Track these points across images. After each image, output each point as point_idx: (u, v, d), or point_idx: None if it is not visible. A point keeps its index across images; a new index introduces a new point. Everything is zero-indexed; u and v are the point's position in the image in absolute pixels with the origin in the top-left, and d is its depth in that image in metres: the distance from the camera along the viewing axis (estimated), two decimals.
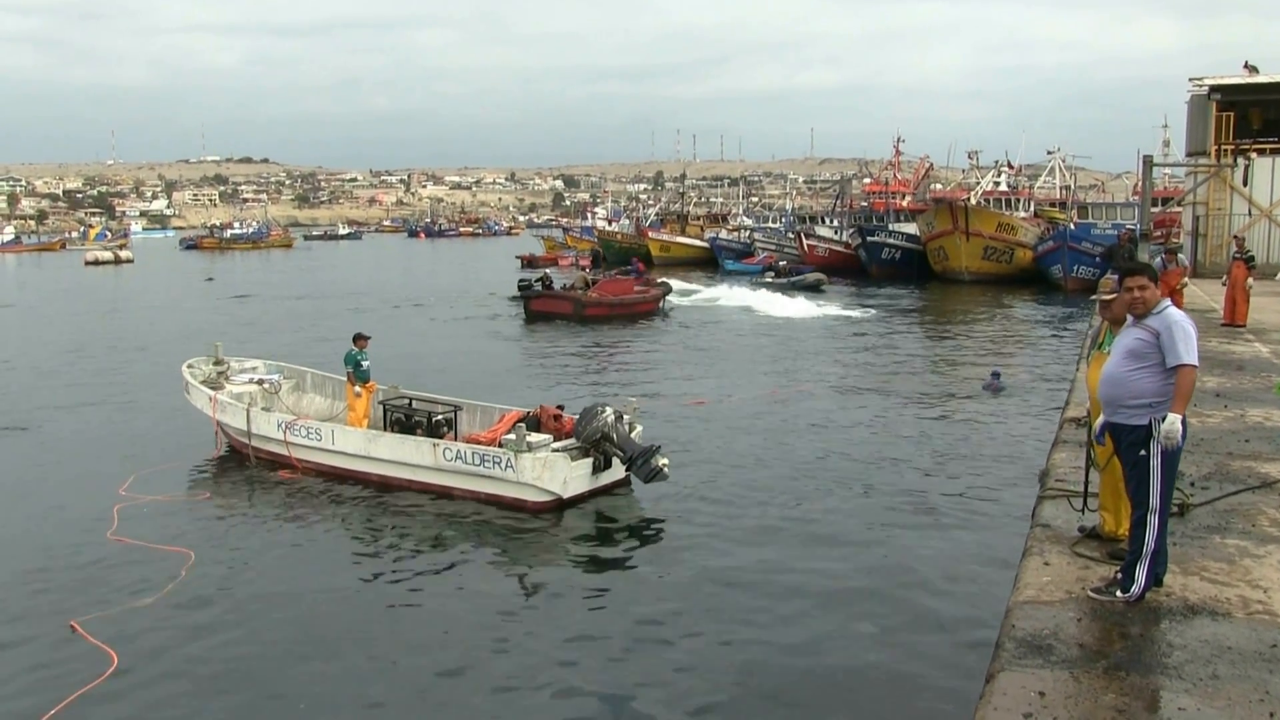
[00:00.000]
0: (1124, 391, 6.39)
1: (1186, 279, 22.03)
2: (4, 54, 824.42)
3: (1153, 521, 6.22)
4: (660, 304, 41.31)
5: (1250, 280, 20.06)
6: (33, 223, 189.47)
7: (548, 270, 43.75)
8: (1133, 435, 6.37)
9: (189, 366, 18.55)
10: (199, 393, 17.59)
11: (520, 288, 39.77)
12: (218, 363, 18.87)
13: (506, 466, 13.70)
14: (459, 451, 14.25)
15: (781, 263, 60.45)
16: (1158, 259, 20.97)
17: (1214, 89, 33.41)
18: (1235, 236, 22.08)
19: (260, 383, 18.47)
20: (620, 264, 52.97)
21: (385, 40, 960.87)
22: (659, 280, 43.93)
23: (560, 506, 13.81)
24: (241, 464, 16.58)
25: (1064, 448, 10.09)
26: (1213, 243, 33.77)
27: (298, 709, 8.66)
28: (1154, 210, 38.64)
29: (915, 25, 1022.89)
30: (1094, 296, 7.44)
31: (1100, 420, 6.65)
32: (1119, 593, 6.24)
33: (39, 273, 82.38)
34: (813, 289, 49.43)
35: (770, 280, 53.89)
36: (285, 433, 15.94)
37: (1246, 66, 34.78)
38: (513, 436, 13.88)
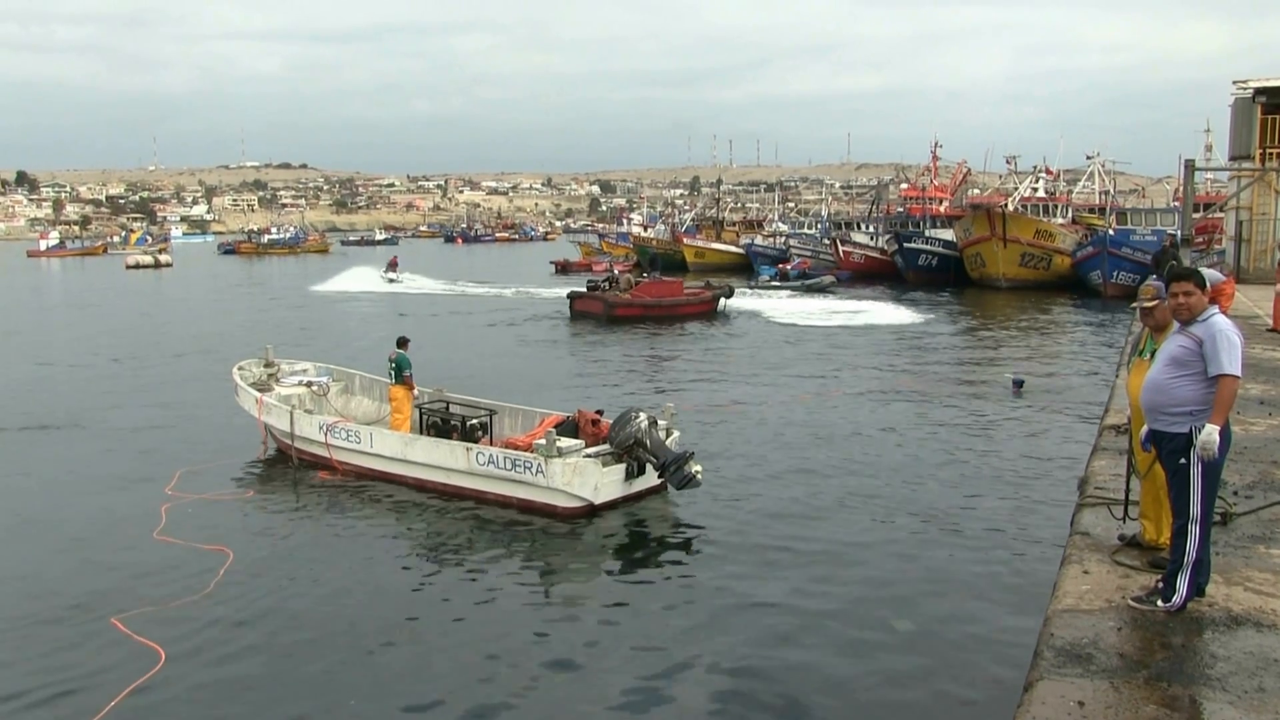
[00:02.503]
0: (1165, 399, 6.31)
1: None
2: (57, 63, 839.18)
3: (1194, 531, 6.13)
4: (718, 306, 41.84)
5: None
6: (76, 228, 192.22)
7: (616, 274, 46.04)
8: (1173, 443, 6.28)
9: (239, 369, 18.87)
10: (246, 394, 17.84)
11: (589, 287, 42.16)
12: (268, 365, 19.18)
13: (537, 472, 13.71)
14: (491, 456, 14.30)
15: (787, 266, 61.96)
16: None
17: (1259, 91, 32.87)
18: None
19: (309, 385, 18.71)
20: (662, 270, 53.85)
21: (428, 45, 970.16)
22: (720, 282, 45.29)
23: (592, 512, 13.80)
24: (285, 465, 16.80)
25: (1103, 455, 9.96)
26: (1256, 248, 33.25)
27: (327, 708, 8.73)
28: (1195, 215, 38.11)
29: (958, 28, 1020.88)
30: (1134, 304, 7.34)
31: (1145, 428, 6.57)
32: (1160, 602, 6.15)
33: (82, 276, 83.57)
34: (822, 290, 52.63)
35: (777, 284, 54.76)
36: (326, 435, 16.10)
37: None
38: (543, 442, 13.91)
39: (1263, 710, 4.95)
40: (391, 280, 65.42)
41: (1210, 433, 6.02)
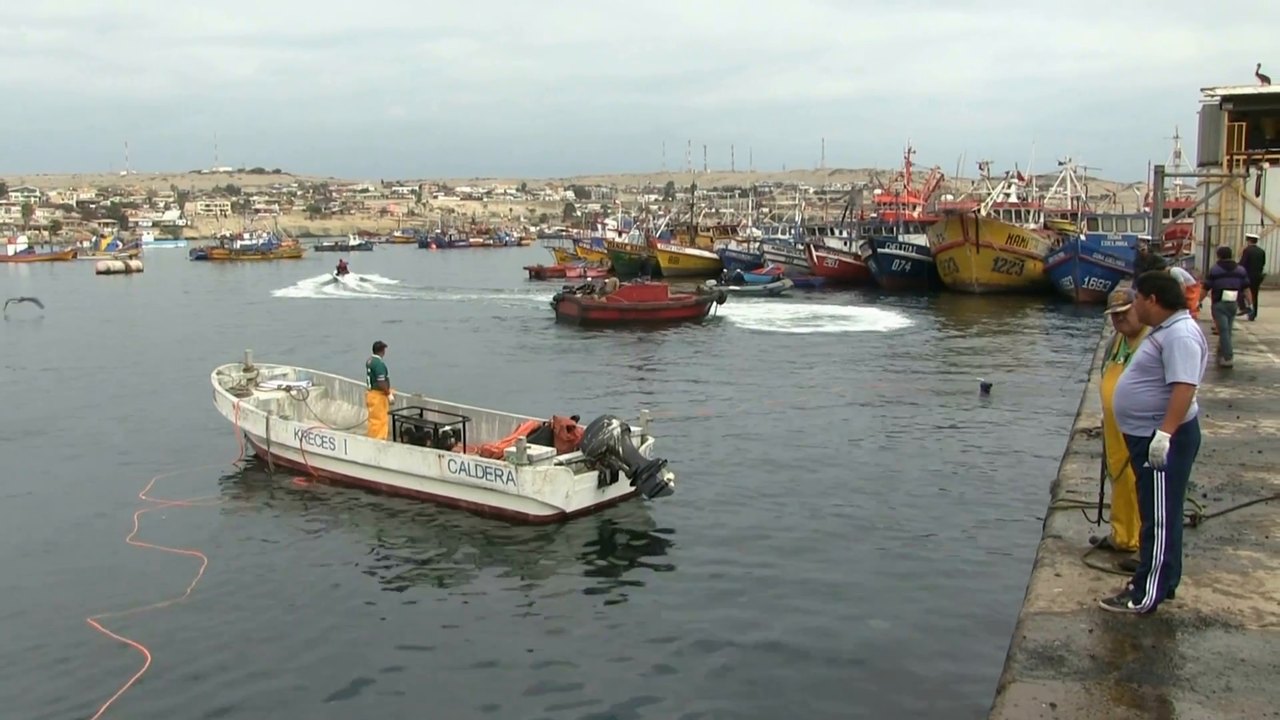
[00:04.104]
0: (1130, 403, 6.40)
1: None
2: (28, 67, 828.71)
3: (1159, 534, 6.19)
4: (709, 311, 42.11)
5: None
6: (46, 233, 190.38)
7: (591, 280, 48.19)
8: (1138, 447, 6.35)
9: (218, 373, 18.75)
10: (224, 399, 17.74)
11: (565, 289, 43.68)
12: (248, 369, 19.08)
13: (508, 479, 13.65)
14: (462, 463, 14.24)
15: (738, 271, 63.20)
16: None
17: (1226, 99, 33.24)
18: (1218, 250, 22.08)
19: (288, 389, 18.62)
20: (631, 274, 54.24)
21: (406, 50, 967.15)
22: (712, 287, 45.94)
23: (563, 520, 13.73)
24: (261, 471, 16.72)
25: (1075, 458, 10.05)
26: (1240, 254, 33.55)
27: (309, 711, 8.68)
28: (1165, 221, 38.48)
29: (936, 34, 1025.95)
30: (1107, 310, 7.41)
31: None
32: (1131, 604, 6.21)
33: (52, 281, 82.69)
34: (777, 294, 54.82)
35: (735, 288, 55.90)
36: (301, 441, 16.02)
37: (1259, 75, 34.65)
38: (514, 449, 13.85)
39: (1230, 709, 5.02)
40: (340, 282, 67.94)
41: (1160, 440, 6.08)
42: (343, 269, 75.08)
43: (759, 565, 12.06)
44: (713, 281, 49.25)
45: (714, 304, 42.60)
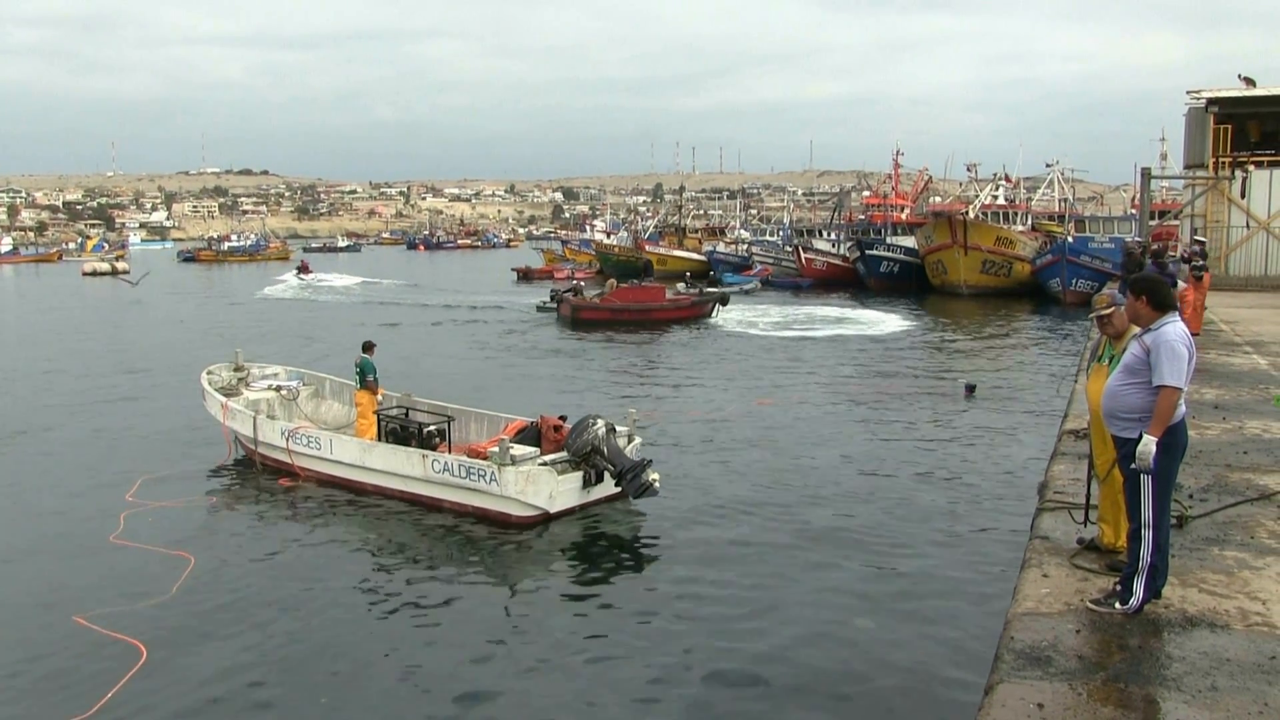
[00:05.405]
0: (1117, 405, 6.41)
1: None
2: (14, 66, 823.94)
3: (1146, 536, 6.20)
4: (711, 313, 42.25)
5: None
6: (32, 234, 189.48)
7: (577, 282, 49.57)
8: (1125, 448, 6.37)
9: (208, 373, 18.68)
10: (212, 399, 17.67)
11: (552, 295, 45.01)
12: (238, 369, 19.02)
13: (490, 480, 13.59)
14: (446, 463, 14.20)
15: (688, 274, 62.78)
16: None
17: (1211, 101, 33.38)
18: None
19: (279, 389, 18.57)
20: (625, 275, 54.34)
21: (394, 52, 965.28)
22: (714, 289, 46.51)
23: (547, 521, 13.67)
24: (248, 470, 16.67)
25: (1063, 459, 10.07)
26: (1210, 256, 33.71)
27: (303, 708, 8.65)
28: (1151, 223, 38.65)
29: (923, 37, 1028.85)
30: (1091, 314, 7.42)
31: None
32: (1118, 605, 6.22)
33: (37, 283, 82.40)
34: (748, 294, 56.02)
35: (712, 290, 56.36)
36: (287, 441, 15.97)
37: (1242, 78, 34.82)
38: (496, 449, 13.81)
39: (1216, 709, 5.03)
40: (304, 280, 71.85)
41: (1146, 444, 6.09)
42: (304, 269, 78.91)
43: (743, 566, 12.05)
44: (681, 285, 48.97)
45: (717, 305, 42.80)
